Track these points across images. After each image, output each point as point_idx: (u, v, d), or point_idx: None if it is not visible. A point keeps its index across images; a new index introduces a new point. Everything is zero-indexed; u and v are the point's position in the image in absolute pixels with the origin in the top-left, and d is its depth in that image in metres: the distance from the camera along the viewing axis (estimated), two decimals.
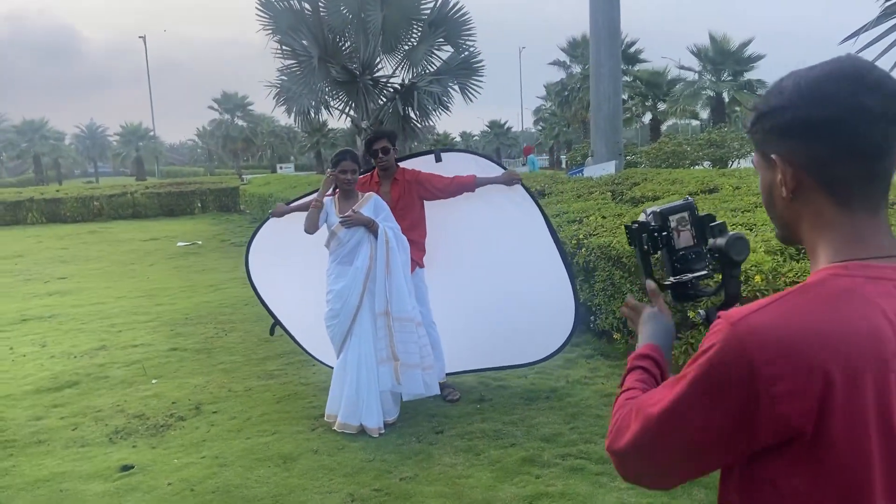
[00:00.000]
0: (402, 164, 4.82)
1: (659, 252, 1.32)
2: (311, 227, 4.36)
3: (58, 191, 23.46)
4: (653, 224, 1.31)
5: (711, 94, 30.51)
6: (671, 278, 1.33)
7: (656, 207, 1.32)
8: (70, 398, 5.15)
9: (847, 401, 0.82)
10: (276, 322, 5.12)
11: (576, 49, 35.49)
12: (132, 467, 3.91)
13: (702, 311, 1.24)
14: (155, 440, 4.30)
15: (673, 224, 1.29)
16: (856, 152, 0.90)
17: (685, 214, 1.30)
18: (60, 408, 4.96)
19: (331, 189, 4.46)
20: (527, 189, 4.74)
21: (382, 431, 4.22)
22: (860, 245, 0.93)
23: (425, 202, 4.79)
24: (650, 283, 1.30)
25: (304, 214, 4.46)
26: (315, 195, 4.53)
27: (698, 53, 30.83)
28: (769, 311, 0.87)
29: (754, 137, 1.00)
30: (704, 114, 33.41)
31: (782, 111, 0.94)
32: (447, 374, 4.89)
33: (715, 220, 1.30)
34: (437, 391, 4.53)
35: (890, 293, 0.88)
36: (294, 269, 4.97)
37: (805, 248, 1.00)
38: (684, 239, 1.30)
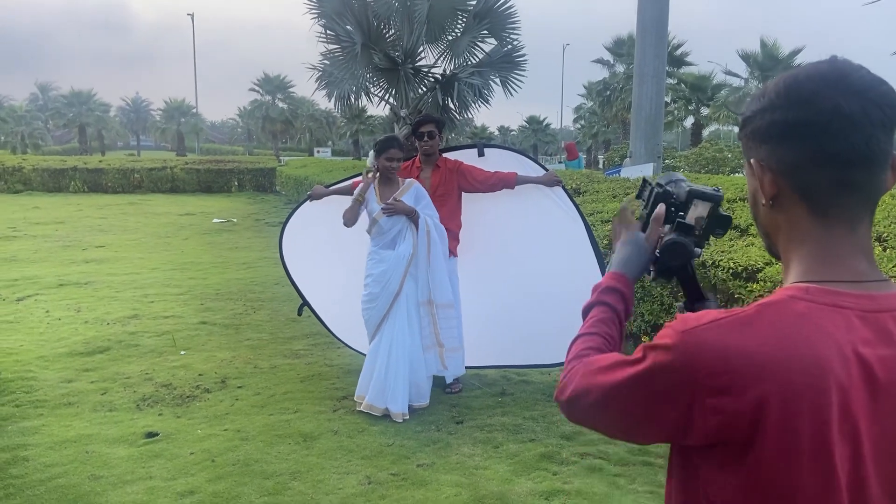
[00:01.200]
0: (445, 154, 4.83)
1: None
2: (350, 221, 4.37)
3: (100, 161, 23.92)
4: (674, 198, 1.23)
5: (757, 90, 29.90)
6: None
7: (687, 183, 1.24)
8: (101, 363, 5.27)
9: (780, 427, 0.82)
10: (305, 303, 5.17)
11: (621, 48, 35.04)
12: (157, 435, 3.99)
13: (679, 304, 1.22)
14: (180, 410, 4.38)
15: (694, 209, 1.21)
16: (833, 158, 0.87)
17: (710, 206, 1.22)
18: (91, 372, 5.08)
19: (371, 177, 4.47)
20: (567, 193, 4.70)
21: (407, 417, 4.25)
22: (831, 266, 0.90)
23: (464, 194, 4.79)
24: (659, 209, 1.23)
25: (341, 199, 4.49)
26: (354, 180, 4.56)
27: (746, 58, 30.23)
28: (719, 326, 0.86)
29: (742, 146, 0.98)
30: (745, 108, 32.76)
31: (762, 114, 0.92)
32: (468, 368, 4.90)
33: (730, 225, 1.24)
34: (463, 371, 4.67)
35: (849, 324, 0.85)
36: (326, 253, 5.01)
37: (782, 261, 0.97)
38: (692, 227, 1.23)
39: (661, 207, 1.23)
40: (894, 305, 0.88)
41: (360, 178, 4.52)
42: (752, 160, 0.95)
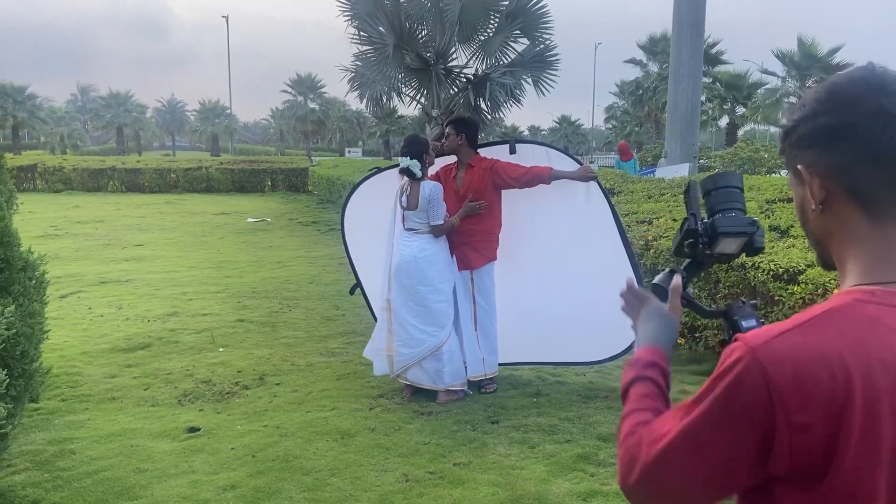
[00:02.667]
0: (480, 153, 4.84)
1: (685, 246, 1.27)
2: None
3: (138, 162, 24.38)
4: (701, 236, 1.25)
5: (795, 101, 29.41)
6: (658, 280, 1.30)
7: (722, 222, 1.23)
8: (142, 359, 5.39)
9: (862, 434, 0.81)
10: (358, 284, 5.19)
11: (655, 46, 34.69)
12: (198, 430, 4.07)
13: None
14: (220, 406, 4.46)
15: (723, 244, 1.23)
16: (879, 157, 0.88)
17: (741, 241, 1.23)
18: (133, 368, 5.19)
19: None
20: (601, 187, 4.68)
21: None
22: (891, 266, 0.90)
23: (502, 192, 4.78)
24: (675, 280, 1.24)
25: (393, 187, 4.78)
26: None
27: (783, 57, 29.71)
28: (791, 336, 0.84)
29: (785, 157, 0.99)
30: (785, 120, 32.26)
31: (805, 121, 0.94)
32: (503, 364, 4.91)
33: (760, 252, 1.25)
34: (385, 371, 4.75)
35: None
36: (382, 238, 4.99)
37: (836, 267, 0.97)
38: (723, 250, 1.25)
39: (677, 279, 1.24)
40: None
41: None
42: (798, 167, 0.95)
